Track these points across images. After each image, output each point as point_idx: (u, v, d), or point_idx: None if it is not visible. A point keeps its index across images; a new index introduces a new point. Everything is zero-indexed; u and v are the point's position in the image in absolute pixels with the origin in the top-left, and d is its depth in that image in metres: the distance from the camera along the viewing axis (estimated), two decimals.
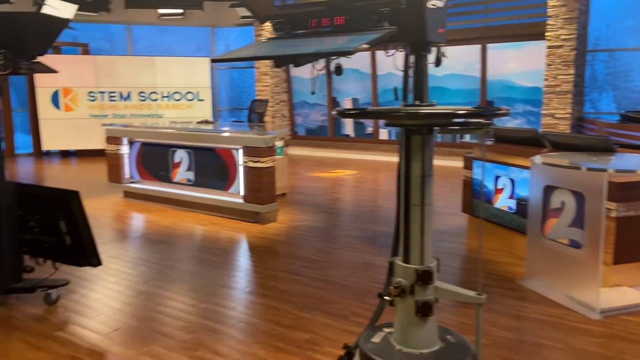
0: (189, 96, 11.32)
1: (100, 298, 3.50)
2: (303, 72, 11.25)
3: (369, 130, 10.60)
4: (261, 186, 5.27)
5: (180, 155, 6.01)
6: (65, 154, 11.10)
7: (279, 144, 6.36)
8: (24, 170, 9.45)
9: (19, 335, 2.94)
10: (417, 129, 1.94)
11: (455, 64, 9.24)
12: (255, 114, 8.10)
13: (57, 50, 10.94)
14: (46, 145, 10.66)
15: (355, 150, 10.64)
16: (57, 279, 3.38)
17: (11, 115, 10.83)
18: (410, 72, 2.18)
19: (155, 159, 6.27)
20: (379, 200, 6.56)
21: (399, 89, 2.27)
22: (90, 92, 10.72)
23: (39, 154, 11.01)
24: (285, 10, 2.02)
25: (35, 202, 3.38)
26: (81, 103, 10.70)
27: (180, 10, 10.95)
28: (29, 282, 3.34)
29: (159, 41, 11.88)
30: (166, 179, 6.18)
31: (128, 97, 10.96)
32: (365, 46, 1.70)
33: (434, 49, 2.03)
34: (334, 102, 10.93)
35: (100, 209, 6.09)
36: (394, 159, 10.18)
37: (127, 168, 6.52)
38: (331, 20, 1.88)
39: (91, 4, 7.42)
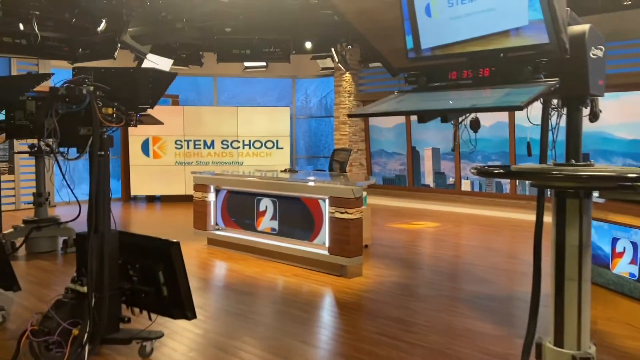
0: (269, 144, 11.57)
1: (189, 352, 3.41)
2: (381, 122, 11.21)
3: (450, 180, 10.24)
4: (348, 238, 5.11)
5: (265, 204, 6.01)
6: (150, 199, 11.59)
7: (363, 194, 6.21)
8: (114, 214, 9.91)
9: None
10: (574, 192, 1.71)
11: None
12: (336, 162, 8.07)
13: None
14: (134, 190, 11.20)
15: (435, 201, 10.28)
16: (152, 330, 3.34)
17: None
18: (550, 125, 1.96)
19: (240, 206, 6.32)
20: (468, 256, 6.17)
21: (531, 143, 2.06)
22: (177, 140, 11.24)
23: (127, 199, 11.57)
24: (420, 62, 1.90)
25: (136, 251, 3.41)
26: (168, 150, 11.22)
27: (263, 63, 11.39)
28: (126, 333, 3.32)
29: (242, 92, 12.37)
30: (250, 227, 6.18)
31: (212, 145, 11.38)
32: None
33: (588, 102, 1.81)
34: (413, 152, 10.73)
35: (184, 256, 6.14)
36: (479, 211, 9.73)
37: (213, 215, 6.62)
38: (475, 72, 1.74)
39: (185, 59, 7.86)
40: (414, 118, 10.51)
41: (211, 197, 6.61)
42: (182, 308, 3.23)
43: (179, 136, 11.23)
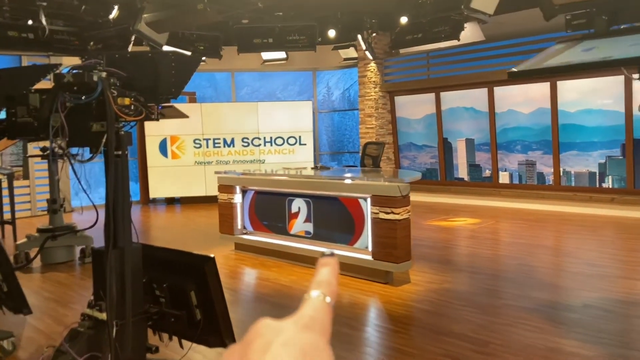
0: (291, 140, 11.04)
1: None
2: (410, 114, 10.60)
3: (487, 173, 9.60)
4: (395, 241, 4.54)
5: (298, 205, 5.48)
6: (170, 201, 11.15)
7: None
8: (133, 218, 9.47)
9: None
10: None
11: (592, 97, 8.12)
12: (369, 157, 7.50)
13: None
14: (153, 193, 10.77)
15: (471, 195, 9.66)
16: None
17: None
18: None
19: (269, 208, 5.80)
20: (522, 256, 5.57)
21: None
22: (196, 139, 10.77)
23: (146, 202, 11.15)
24: None
25: (163, 268, 2.89)
26: (187, 150, 10.76)
27: (283, 55, 10.85)
28: None
29: (262, 87, 11.86)
30: (282, 230, 5.66)
31: (232, 143, 10.89)
32: None
33: None
34: (445, 144, 10.11)
35: (219, 262, 5.66)
36: (519, 205, 9.08)
37: (240, 218, 6.11)
38: None
39: (204, 51, 7.35)
40: (445, 107, 9.85)
41: (237, 198, 6.10)
42: (219, 334, 2.71)
43: (198, 135, 10.76)
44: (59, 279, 5.27)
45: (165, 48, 6.21)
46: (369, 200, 4.77)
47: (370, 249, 4.80)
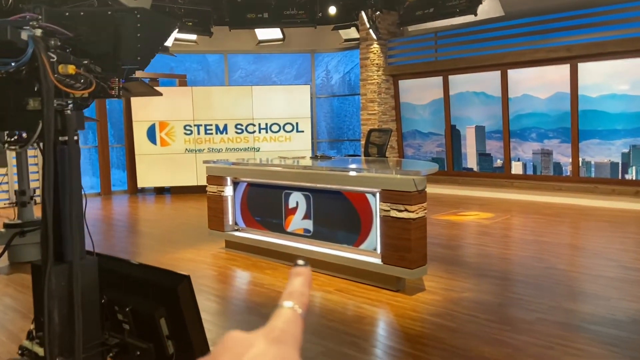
0: (288, 127, 10.38)
1: None
2: (415, 99, 9.94)
3: (498, 163, 8.98)
4: (409, 244, 3.92)
5: (296, 199, 4.84)
6: (159, 191, 10.51)
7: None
8: (118, 210, 8.85)
9: None
10: None
11: (615, 81, 7.48)
12: (373, 146, 6.86)
13: (155, 82, 10.50)
14: (141, 182, 10.11)
15: (480, 186, 9.05)
16: None
17: (108, 151, 10.45)
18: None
19: (264, 202, 5.16)
20: (548, 257, 4.97)
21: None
22: (186, 125, 10.09)
23: (134, 191, 10.50)
24: None
25: (127, 286, 2.26)
26: (177, 137, 10.09)
27: (279, 35, 10.14)
28: None
29: (257, 70, 11.16)
30: (278, 228, 5.03)
31: (224, 129, 10.22)
32: None
33: None
34: (452, 131, 9.47)
35: (198, 263, 5.04)
36: (533, 197, 8.45)
37: (231, 213, 5.48)
38: None
39: (192, 27, 6.66)
40: (454, 91, 9.16)
41: (228, 191, 5.46)
42: None
43: (188, 120, 10.08)
44: (26, 282, 4.63)
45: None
46: (378, 195, 4.14)
47: (379, 251, 4.18)
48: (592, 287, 4.09)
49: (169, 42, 6.83)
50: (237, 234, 5.40)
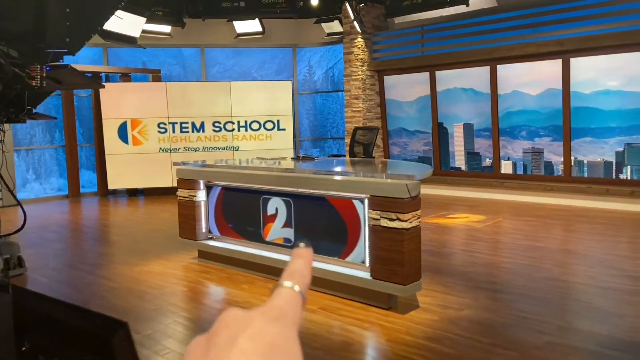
0: (269, 125, 9.89)
1: None
2: (401, 96, 9.54)
3: (487, 162, 8.64)
4: (402, 256, 3.50)
5: (275, 205, 4.38)
6: (132, 193, 9.93)
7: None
8: (85, 215, 8.27)
9: None
10: None
11: (609, 77, 7.17)
12: (359, 145, 6.41)
13: (127, 78, 9.91)
14: (112, 184, 9.52)
15: (469, 187, 8.69)
16: None
17: (76, 151, 9.83)
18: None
19: (240, 208, 4.69)
20: (553, 268, 4.60)
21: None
22: (160, 123, 9.53)
23: (105, 193, 9.91)
24: None
25: (55, 332, 1.78)
26: (151, 136, 9.52)
27: (259, 29, 9.64)
28: None
29: (235, 65, 10.64)
30: (256, 237, 4.56)
31: (201, 127, 9.68)
32: None
33: None
34: (440, 129, 9.09)
35: (167, 277, 4.55)
36: (523, 198, 8.09)
37: (204, 220, 4.99)
38: None
39: (162, 18, 6.13)
40: (441, 87, 8.76)
41: (201, 195, 4.97)
42: None
43: (163, 118, 9.53)
44: None
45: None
46: (366, 202, 3.70)
47: (368, 264, 3.75)
48: (602, 302, 3.71)
49: (136, 33, 6.30)
50: (210, 243, 4.91)
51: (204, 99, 9.64)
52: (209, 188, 4.95)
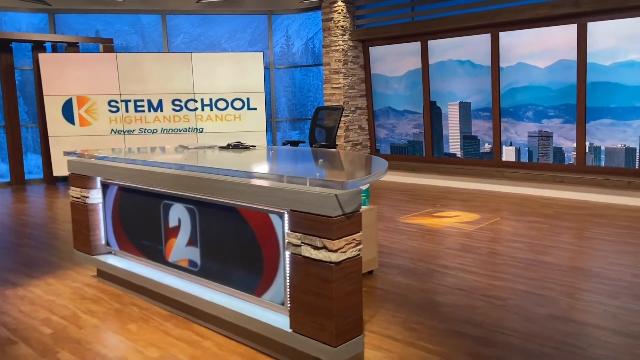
0: (237, 104, 8.66)
1: None
2: (388, 70, 8.24)
3: (486, 147, 7.37)
4: (329, 304, 2.30)
5: (178, 215, 3.19)
6: None
7: (364, 186, 3.44)
8: (8, 206, 7.13)
9: None
10: None
11: (635, 46, 5.84)
12: (321, 129, 5.18)
13: (74, 48, 8.68)
14: (58, 170, 8.38)
15: (465, 176, 7.46)
16: None
17: (19, 132, 8.67)
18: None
19: (139, 216, 3.50)
20: (560, 296, 3.39)
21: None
22: (112, 101, 8.33)
23: (52, 180, 8.78)
24: None
25: None
26: (101, 115, 8.33)
27: None
28: None
29: (203, 34, 9.35)
30: (156, 255, 3.39)
31: (159, 106, 8.47)
32: None
33: None
34: (432, 109, 7.81)
35: (38, 308, 3.40)
36: (528, 191, 6.39)
37: (102, 229, 3.82)
38: None
39: None
40: (434, 60, 7.34)
41: (95, 196, 3.79)
42: None
43: (114, 95, 8.32)
44: None
45: None
46: (286, 217, 2.50)
47: (287, 305, 2.56)
48: None
49: None
50: (109, 260, 3.75)
51: (162, 73, 8.40)
52: (105, 187, 3.76)
